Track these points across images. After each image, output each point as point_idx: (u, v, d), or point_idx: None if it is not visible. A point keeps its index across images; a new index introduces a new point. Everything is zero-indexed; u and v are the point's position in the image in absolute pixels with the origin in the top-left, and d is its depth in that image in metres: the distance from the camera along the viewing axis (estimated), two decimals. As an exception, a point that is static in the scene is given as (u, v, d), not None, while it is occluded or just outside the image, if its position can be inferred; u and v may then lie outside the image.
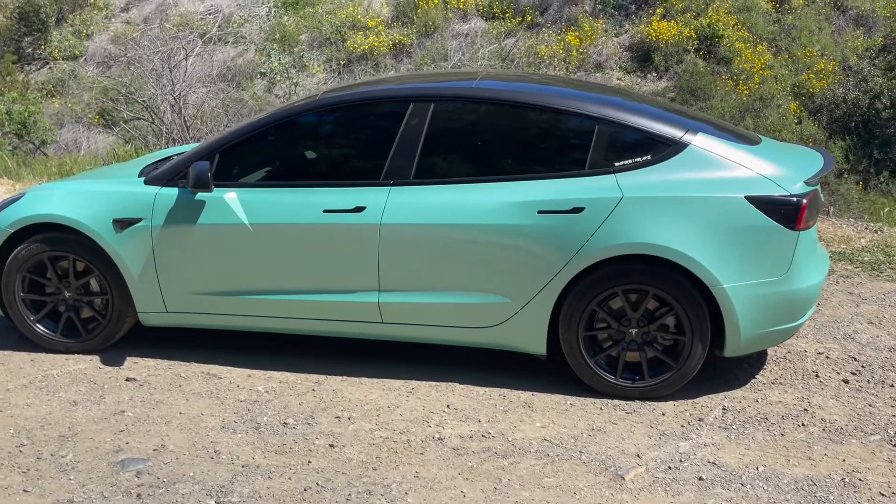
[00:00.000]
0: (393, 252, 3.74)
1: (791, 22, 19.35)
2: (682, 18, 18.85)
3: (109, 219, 3.94)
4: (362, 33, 18.56)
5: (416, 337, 3.91)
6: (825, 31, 19.56)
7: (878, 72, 16.53)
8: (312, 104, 3.95)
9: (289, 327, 4.00)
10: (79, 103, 16.87)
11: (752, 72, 17.69)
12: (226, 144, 3.93)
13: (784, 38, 19.23)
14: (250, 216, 3.84)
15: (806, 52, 18.55)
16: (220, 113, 11.01)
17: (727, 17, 18.87)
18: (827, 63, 17.95)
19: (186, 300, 4.00)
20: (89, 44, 19.11)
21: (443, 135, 3.82)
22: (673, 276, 3.55)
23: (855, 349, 4.20)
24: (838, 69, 17.86)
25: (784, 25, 19.37)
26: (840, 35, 19.58)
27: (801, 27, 19.22)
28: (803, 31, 19.18)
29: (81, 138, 16.87)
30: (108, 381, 3.91)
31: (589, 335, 3.71)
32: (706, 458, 3.23)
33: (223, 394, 3.80)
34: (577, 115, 3.72)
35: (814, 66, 18.02)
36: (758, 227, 3.48)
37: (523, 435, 3.42)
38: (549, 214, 3.59)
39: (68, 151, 15.62)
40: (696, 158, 3.60)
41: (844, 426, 3.45)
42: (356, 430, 3.47)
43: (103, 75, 16.35)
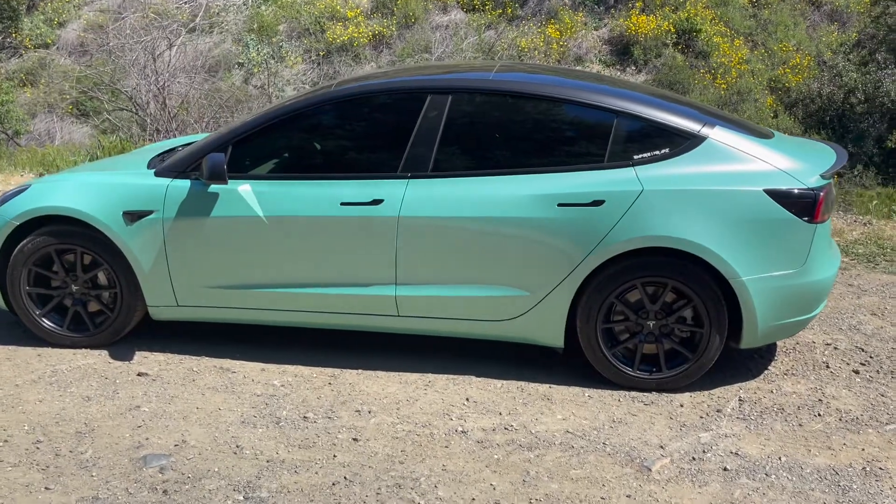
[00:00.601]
0: (411, 245, 3.72)
1: (767, 17, 19.60)
2: (661, 12, 18.99)
3: (119, 211, 3.87)
4: (342, 24, 18.42)
5: (433, 330, 3.90)
6: (800, 26, 19.85)
7: (852, 67, 16.78)
8: (328, 95, 3.90)
9: (303, 321, 3.96)
10: (52, 93, 16.52)
11: (730, 66, 17.89)
12: (239, 136, 3.88)
13: (760, 33, 19.48)
14: (265, 209, 3.79)
15: (782, 47, 18.81)
16: (204, 104, 10.85)
17: (705, 12, 19.06)
18: (802, 58, 18.22)
19: (198, 294, 3.94)
20: (61, 32, 18.73)
21: (461, 127, 3.80)
22: (692, 269, 3.57)
23: (861, 340, 4.27)
24: (813, 64, 18.13)
25: (760, 20, 19.61)
26: (815, 30, 19.88)
27: (777, 22, 19.48)
28: (779, 26, 19.45)
29: (55, 129, 16.54)
30: (119, 376, 3.84)
31: (606, 328, 3.72)
32: (729, 449, 3.26)
33: (238, 388, 3.75)
34: (597, 108, 3.72)
35: (789, 60, 18.29)
36: (776, 220, 3.52)
37: (545, 427, 3.43)
38: (570, 207, 3.60)
39: (41, 142, 15.32)
40: (715, 152, 3.62)
41: (860, 416, 3.51)
42: (378, 424, 3.45)
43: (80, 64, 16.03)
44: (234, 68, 17.09)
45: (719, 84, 17.39)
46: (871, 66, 16.51)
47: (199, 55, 12.88)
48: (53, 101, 16.44)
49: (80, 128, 16.14)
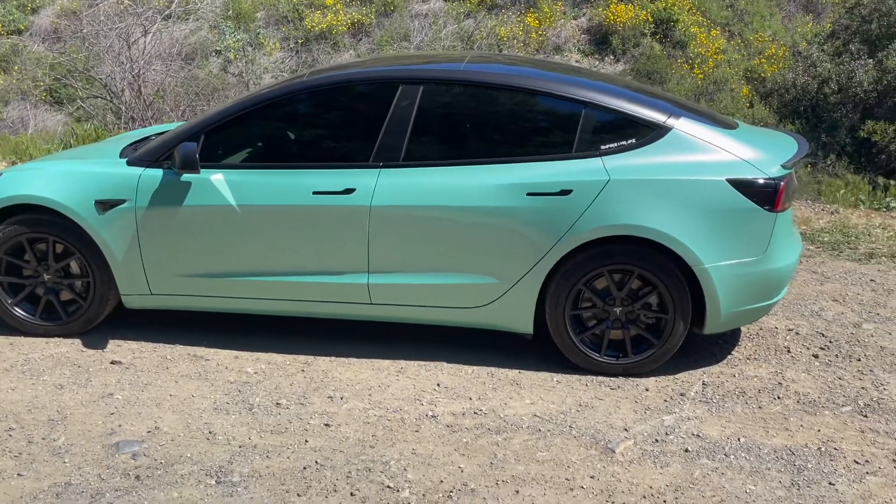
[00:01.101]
0: (383, 234, 3.77)
1: (743, 7, 19.77)
2: (639, 2, 19.08)
3: (91, 200, 3.88)
4: (320, 12, 18.34)
5: (405, 317, 3.96)
6: (776, 16, 20.05)
7: (826, 57, 16.97)
8: (300, 85, 3.93)
9: (277, 309, 4.01)
10: (25, 80, 16.31)
11: (707, 56, 18.04)
12: (212, 125, 3.90)
13: (737, 23, 19.65)
14: (238, 197, 3.83)
15: (758, 38, 18.99)
16: (180, 92, 10.79)
17: (682, 2, 19.18)
18: (778, 48, 18.41)
19: (172, 282, 3.97)
20: (35, 18, 18.47)
21: (432, 117, 3.85)
22: (657, 257, 3.66)
23: (822, 325, 4.39)
24: (788, 54, 18.33)
25: (737, 10, 19.78)
26: (790, 21, 20.09)
27: (753, 12, 19.66)
28: (755, 16, 19.63)
29: (28, 116, 16.33)
30: (92, 364, 3.87)
31: (574, 314, 3.80)
32: (690, 431, 3.36)
33: (212, 375, 3.80)
34: (565, 99, 3.79)
35: (765, 51, 18.48)
36: (738, 209, 3.61)
37: (514, 411, 3.51)
38: (538, 197, 3.66)
39: (15, 130, 15.13)
40: (680, 142, 3.70)
41: (817, 398, 3.63)
42: (350, 410, 3.51)
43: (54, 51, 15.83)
44: (210, 56, 16.97)
45: (696, 74, 17.53)
46: (844, 57, 16.71)
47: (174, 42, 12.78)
48: (27, 88, 16.23)
49: (53, 115, 15.96)
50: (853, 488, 2.97)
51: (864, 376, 3.83)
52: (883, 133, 14.91)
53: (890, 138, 14.74)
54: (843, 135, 15.79)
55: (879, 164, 14.98)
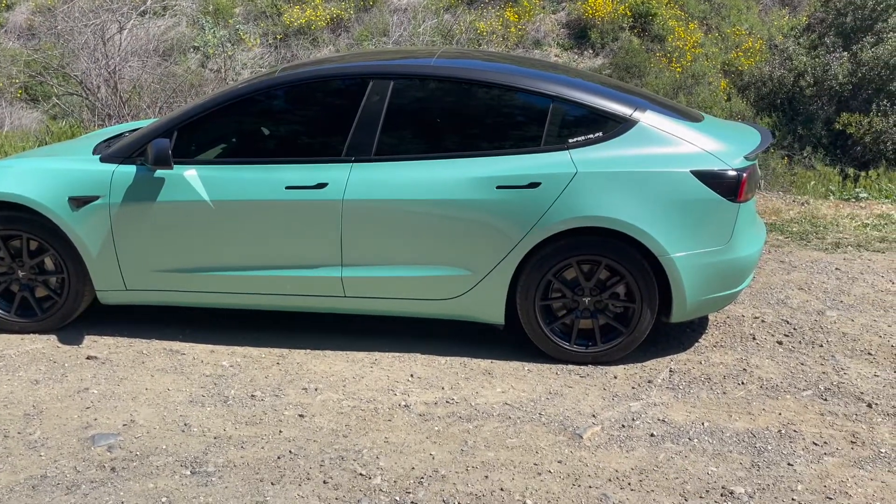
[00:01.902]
0: (355, 227, 3.83)
1: (720, 1, 19.94)
2: (618, -4, 19.18)
3: (65, 197, 3.91)
4: (299, 7, 18.29)
5: (378, 310, 4.02)
6: (753, 10, 20.24)
7: (802, 51, 17.15)
8: (272, 81, 3.98)
9: (251, 303, 4.05)
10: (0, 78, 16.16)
11: (685, 49, 18.19)
12: (184, 121, 3.94)
13: (714, 17, 19.81)
14: (211, 193, 3.87)
15: (735, 31, 19.17)
16: (157, 88, 10.75)
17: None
18: (754, 42, 18.59)
19: (147, 278, 4.01)
20: (9, 15, 18.29)
21: (403, 112, 3.90)
22: (623, 247, 3.74)
23: (787, 313, 4.50)
24: (765, 48, 18.52)
25: (714, 4, 19.94)
26: (766, 14, 20.29)
27: (730, 6, 19.83)
28: (732, 10, 19.80)
29: (4, 114, 16.19)
30: (68, 359, 3.90)
31: (544, 304, 3.88)
32: (656, 417, 3.45)
33: (188, 369, 3.84)
34: (533, 94, 3.86)
35: (742, 44, 18.65)
36: (702, 200, 3.70)
37: (485, 400, 3.58)
38: (507, 189, 3.73)
39: (-10, 128, 14.99)
40: (645, 135, 3.78)
41: (779, 383, 3.73)
42: (324, 401, 3.57)
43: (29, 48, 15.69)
44: (188, 52, 16.89)
45: (675, 67, 17.67)
46: (820, 50, 16.91)
47: (151, 39, 12.73)
48: (2, 85, 16.09)
49: (29, 113, 15.83)
50: (811, 468, 3.07)
51: (825, 362, 3.93)
52: (858, 125, 15.12)
53: (865, 130, 14.96)
54: (820, 127, 15.98)
55: (854, 156, 15.21)
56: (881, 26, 16.47)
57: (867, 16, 16.84)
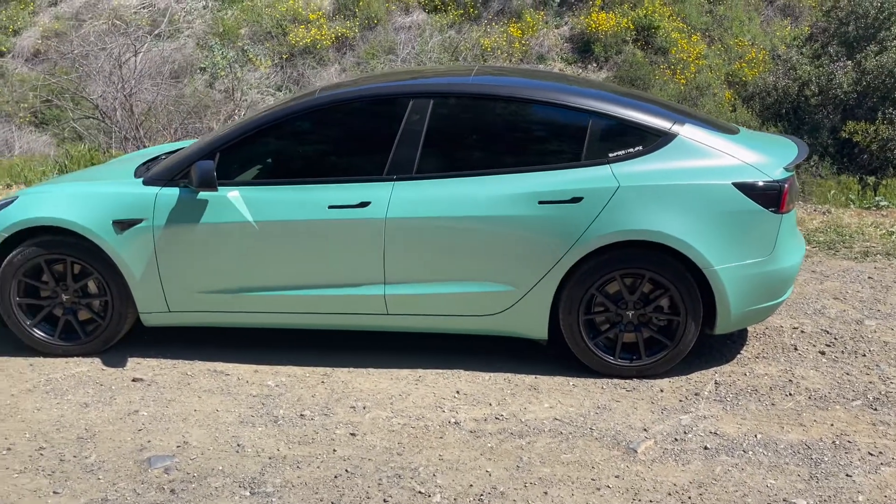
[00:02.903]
0: (398, 245, 3.85)
1: (722, 13, 20.06)
2: (620, 9, 19.32)
3: (109, 220, 3.93)
4: (304, 27, 18.42)
5: (421, 327, 4.03)
6: (755, 21, 20.37)
7: (805, 60, 17.24)
8: (313, 102, 4.01)
9: (295, 322, 4.07)
10: (10, 102, 16.26)
11: (688, 61, 18.29)
12: (227, 143, 3.96)
13: (716, 29, 19.93)
14: (255, 214, 3.89)
15: (737, 42, 19.28)
16: (171, 111, 10.81)
17: (663, 9, 19.44)
18: (757, 52, 18.69)
19: (190, 299, 4.02)
20: (16, 40, 18.42)
21: (443, 129, 3.93)
22: (667, 260, 3.76)
23: (826, 323, 4.50)
24: (768, 58, 18.62)
25: (716, 16, 20.07)
26: (769, 25, 20.41)
27: (732, 18, 19.96)
28: (734, 21, 19.93)
29: (13, 138, 16.27)
30: (114, 382, 3.90)
31: (588, 319, 3.89)
32: (708, 429, 3.45)
33: (234, 390, 3.84)
34: (572, 109, 3.88)
35: (745, 55, 18.75)
36: (744, 212, 3.72)
37: (534, 415, 3.59)
38: (550, 205, 3.76)
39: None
40: (685, 148, 3.81)
41: (827, 394, 3.73)
42: (373, 419, 3.57)
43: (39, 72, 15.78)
44: (196, 73, 16.99)
45: (679, 79, 17.76)
46: (823, 59, 17.01)
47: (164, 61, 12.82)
48: (11, 110, 16.18)
49: (38, 137, 15.91)
50: (869, 479, 3.07)
51: (870, 371, 3.94)
52: (864, 133, 15.17)
53: (871, 138, 15.01)
54: (826, 136, 16.03)
55: (861, 164, 15.25)
56: (884, 35, 16.57)
57: (870, 24, 16.94)
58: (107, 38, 10.74)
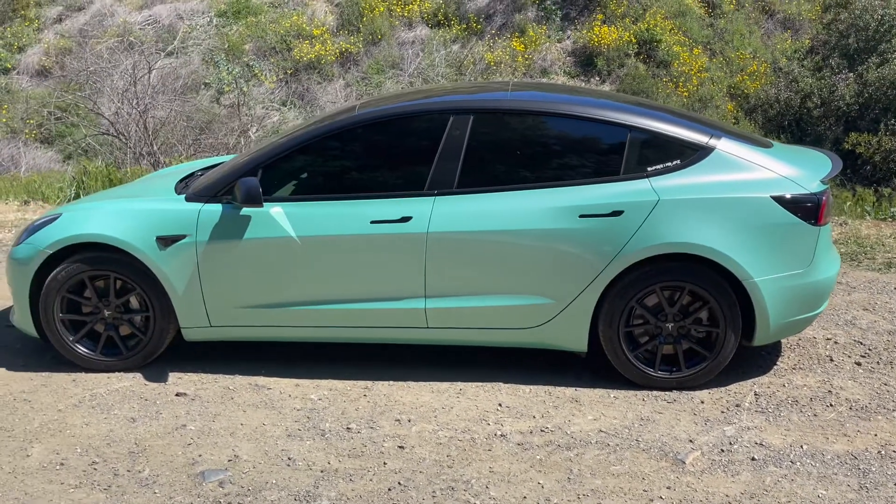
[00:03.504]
0: (439, 259, 3.89)
1: (723, 26, 20.22)
2: (622, 23, 19.47)
3: (153, 236, 3.97)
4: (308, 42, 18.52)
5: (461, 340, 4.07)
6: (755, 34, 20.52)
7: (807, 72, 17.35)
8: (353, 119, 4.06)
9: (336, 336, 4.10)
10: (17, 118, 16.30)
11: (691, 74, 18.41)
12: (269, 159, 4.01)
13: (717, 42, 20.07)
14: (297, 229, 3.93)
15: (739, 55, 19.41)
16: (184, 126, 10.86)
17: (664, 23, 19.59)
18: (759, 65, 18.83)
19: (232, 314, 4.05)
20: (21, 57, 18.49)
21: (483, 145, 3.98)
22: (707, 273, 3.80)
23: (858, 334, 4.54)
24: (770, 71, 18.75)
25: (717, 29, 20.21)
26: (769, 38, 20.57)
27: (733, 31, 20.11)
28: (735, 34, 20.07)
29: (19, 154, 16.30)
30: (158, 397, 3.93)
31: (628, 331, 3.93)
32: (753, 440, 3.48)
33: (277, 404, 3.87)
34: (610, 124, 3.94)
35: (747, 68, 18.89)
36: (783, 224, 3.77)
37: (579, 428, 3.62)
38: (591, 218, 3.80)
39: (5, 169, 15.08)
40: (723, 162, 3.86)
41: (868, 404, 3.77)
42: (420, 432, 3.60)
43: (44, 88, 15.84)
44: (201, 89, 17.07)
45: (681, 92, 17.87)
46: (825, 72, 17.13)
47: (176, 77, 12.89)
48: (17, 126, 16.21)
49: (45, 153, 15.94)
50: (919, 488, 3.11)
51: (907, 381, 3.98)
52: (867, 145, 15.26)
53: (874, 149, 15.11)
54: (828, 147, 16.13)
55: (865, 175, 15.34)
56: (885, 47, 16.71)
57: (871, 37, 17.08)
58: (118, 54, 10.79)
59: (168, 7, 18.82)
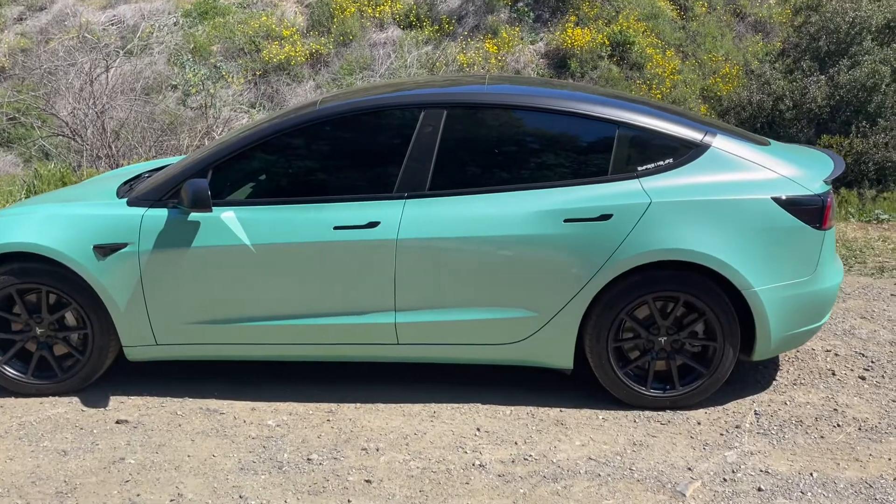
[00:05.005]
0: (411, 269, 3.52)
1: (695, 29, 20.14)
2: (595, 25, 19.30)
3: (90, 245, 3.55)
4: (277, 43, 18.09)
5: (435, 357, 3.70)
6: (727, 37, 20.47)
7: (779, 75, 17.29)
8: (314, 114, 3.67)
9: (296, 354, 3.71)
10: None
11: (664, 76, 18.28)
12: (220, 159, 3.62)
13: (690, 44, 19.99)
14: (252, 236, 3.54)
15: (711, 58, 19.33)
16: (145, 127, 10.36)
17: (637, 25, 19.46)
18: (731, 68, 18.76)
19: (180, 331, 3.65)
20: (-25, 57, 17.80)
21: (458, 143, 3.63)
22: (703, 282, 3.48)
23: (859, 345, 4.26)
24: (742, 73, 18.69)
25: (689, 32, 20.13)
26: (741, 41, 20.53)
27: (705, 34, 20.03)
28: (707, 37, 19.99)
29: (-23, 159, 15.64)
30: (96, 425, 3.51)
31: (617, 346, 3.59)
32: (757, 467, 3.16)
33: (230, 431, 3.47)
34: (597, 120, 3.61)
35: (719, 70, 18.81)
36: (785, 228, 3.46)
37: (566, 455, 3.27)
38: (577, 223, 3.46)
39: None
40: (719, 160, 3.55)
41: (877, 424, 3.47)
42: (389, 462, 3.22)
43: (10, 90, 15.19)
44: (166, 90, 16.53)
45: (655, 94, 17.70)
46: (796, 74, 17.07)
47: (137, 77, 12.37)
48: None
49: (3, 156, 15.30)
50: (943, 520, 2.80)
51: (916, 397, 3.69)
52: (838, 147, 15.19)
53: (845, 151, 15.03)
54: (801, 149, 16.00)
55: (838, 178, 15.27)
56: (856, 49, 16.67)
57: (841, 39, 17.06)
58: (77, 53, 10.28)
59: (133, 7, 18.27)
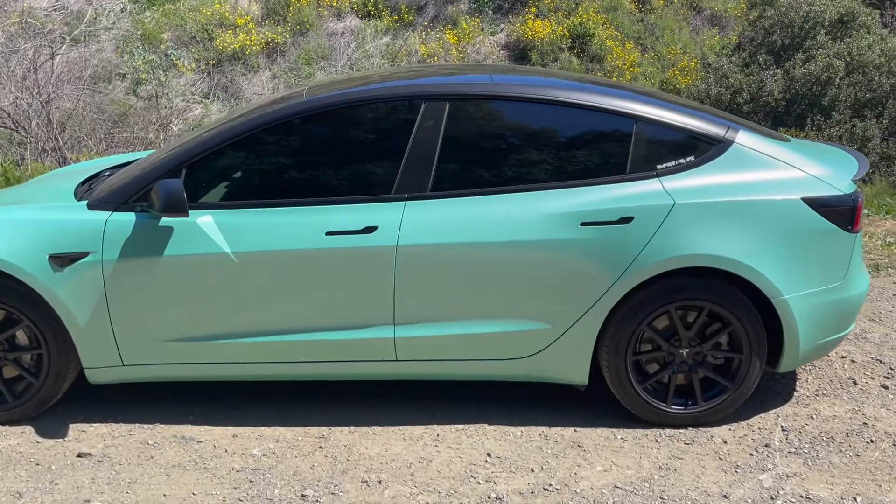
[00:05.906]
0: (411, 278, 3.18)
1: (653, 21, 20.13)
2: (555, 17, 19.13)
3: (45, 254, 3.12)
4: (231, 32, 17.46)
5: (437, 374, 3.37)
6: (684, 30, 20.51)
7: (736, 68, 17.35)
8: (301, 107, 3.29)
9: (282, 373, 3.34)
10: None
11: (624, 69, 18.20)
12: (196, 156, 3.22)
13: (648, 37, 19.96)
14: (232, 243, 3.15)
15: (669, 51, 19.34)
16: (95, 118, 9.75)
17: (596, 17, 19.35)
18: (689, 61, 18.80)
19: (150, 349, 3.24)
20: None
21: (463, 139, 3.29)
22: (729, 289, 3.22)
23: (874, 350, 4.06)
24: (699, 66, 18.74)
25: (647, 25, 20.11)
26: (698, 34, 20.59)
27: (663, 27, 20.04)
28: (665, 30, 20.00)
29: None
30: (54, 459, 3.09)
31: (635, 360, 3.31)
32: (797, 493, 2.91)
33: (210, 463, 3.08)
34: (613, 114, 3.30)
35: (678, 63, 18.84)
36: (816, 231, 3.22)
37: (589, 483, 2.97)
38: (595, 226, 3.16)
39: None
40: (743, 158, 3.28)
41: (913, 439, 3.25)
42: (394, 497, 2.88)
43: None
44: (115, 79, 15.80)
45: (617, 87, 17.57)
46: (753, 68, 17.17)
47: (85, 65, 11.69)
48: None
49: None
50: None
51: (946, 408, 3.50)
52: (794, 139, 15.30)
53: (802, 145, 15.16)
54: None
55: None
56: (810, 43, 16.82)
57: (796, 34, 17.20)
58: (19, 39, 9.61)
59: (78, -9, 17.39)
